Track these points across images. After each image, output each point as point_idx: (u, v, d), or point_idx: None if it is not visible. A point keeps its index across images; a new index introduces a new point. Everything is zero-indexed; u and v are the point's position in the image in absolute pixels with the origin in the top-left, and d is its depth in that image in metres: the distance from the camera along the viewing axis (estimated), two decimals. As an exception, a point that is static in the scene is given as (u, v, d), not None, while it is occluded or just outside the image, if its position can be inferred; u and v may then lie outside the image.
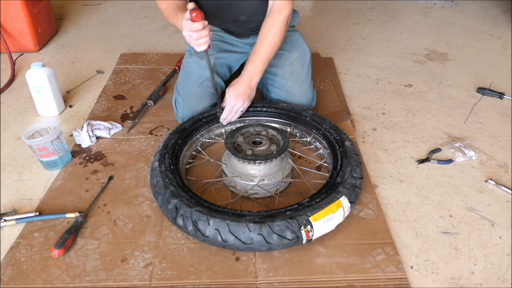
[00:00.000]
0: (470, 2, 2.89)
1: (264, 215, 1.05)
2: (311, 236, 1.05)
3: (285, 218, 1.04)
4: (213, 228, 1.03)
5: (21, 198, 1.27)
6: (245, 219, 1.04)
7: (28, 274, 1.02)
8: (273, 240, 1.02)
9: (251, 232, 1.02)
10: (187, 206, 1.07)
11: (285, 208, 1.08)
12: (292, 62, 1.53)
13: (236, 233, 1.02)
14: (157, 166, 1.21)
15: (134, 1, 2.90)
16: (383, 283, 1.00)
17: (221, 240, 1.03)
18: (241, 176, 1.25)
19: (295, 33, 1.60)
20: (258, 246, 1.03)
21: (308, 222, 1.05)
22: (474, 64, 2.08)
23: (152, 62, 2.07)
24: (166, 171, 1.19)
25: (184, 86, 1.52)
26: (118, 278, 1.02)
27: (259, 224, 1.02)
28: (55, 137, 1.32)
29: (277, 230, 1.02)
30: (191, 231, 1.06)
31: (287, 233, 1.03)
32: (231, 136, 1.32)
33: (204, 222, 1.04)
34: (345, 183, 1.15)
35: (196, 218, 1.05)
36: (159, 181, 1.17)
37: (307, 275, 1.02)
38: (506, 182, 1.33)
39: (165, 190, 1.13)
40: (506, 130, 1.59)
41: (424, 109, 1.72)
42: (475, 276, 1.04)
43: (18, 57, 2.11)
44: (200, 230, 1.04)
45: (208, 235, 1.04)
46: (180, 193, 1.12)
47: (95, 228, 1.15)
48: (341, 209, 1.10)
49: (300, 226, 1.04)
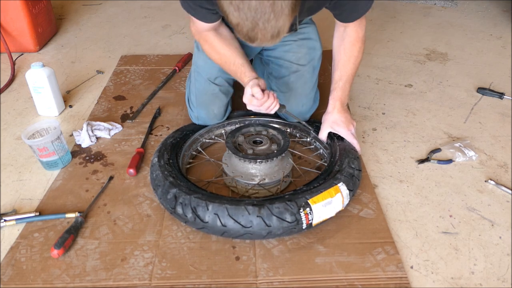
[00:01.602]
0: (470, 2, 2.89)
1: (263, 199, 1.08)
2: (311, 220, 1.06)
3: (284, 201, 1.05)
4: (212, 213, 1.04)
5: (21, 198, 1.27)
6: (244, 202, 1.05)
7: (28, 274, 1.02)
8: (272, 222, 1.03)
9: (250, 215, 1.03)
10: (186, 194, 1.09)
11: (283, 194, 1.10)
12: (299, 58, 1.44)
13: (235, 217, 1.03)
14: (156, 162, 1.24)
15: (134, 1, 2.90)
16: (384, 282, 1.00)
17: (220, 225, 1.04)
18: (241, 175, 1.25)
19: (310, 26, 1.47)
20: (258, 230, 1.04)
21: (307, 205, 1.06)
22: (474, 64, 2.08)
23: (152, 63, 2.07)
24: (165, 164, 1.22)
25: (196, 83, 1.46)
26: (118, 277, 1.02)
27: (258, 206, 1.04)
28: (56, 137, 1.32)
29: (276, 212, 1.03)
30: (190, 219, 1.07)
31: (287, 215, 1.04)
32: (232, 135, 1.32)
33: (203, 208, 1.05)
34: (343, 171, 1.18)
35: (195, 204, 1.06)
36: (158, 175, 1.19)
37: (307, 274, 1.02)
38: (506, 182, 1.33)
39: (164, 181, 1.15)
40: (506, 130, 1.59)
41: (424, 109, 1.72)
42: (475, 276, 1.04)
43: (18, 57, 2.11)
44: (200, 216, 1.05)
45: (208, 220, 1.05)
46: (179, 182, 1.14)
47: (95, 228, 1.15)
48: (339, 194, 1.11)
49: (299, 208, 1.05)
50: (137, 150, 1.41)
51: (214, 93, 1.44)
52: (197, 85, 1.46)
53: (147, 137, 1.51)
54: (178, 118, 1.63)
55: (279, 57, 1.45)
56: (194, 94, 1.47)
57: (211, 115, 1.45)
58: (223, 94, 1.45)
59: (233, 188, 1.27)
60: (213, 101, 1.44)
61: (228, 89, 1.46)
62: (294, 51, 1.43)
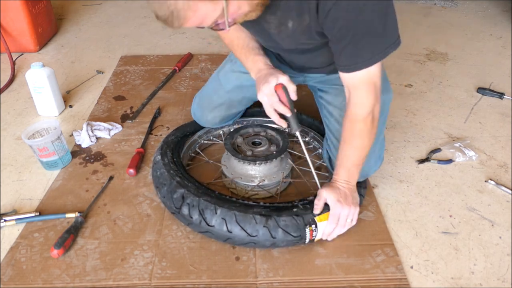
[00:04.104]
0: (470, 2, 2.89)
1: (271, 207, 1.07)
2: (314, 237, 1.06)
3: (292, 215, 1.04)
4: (220, 218, 1.04)
5: (21, 198, 1.27)
6: (252, 211, 1.05)
7: (28, 274, 1.02)
8: (278, 235, 1.03)
9: (257, 224, 1.02)
10: (195, 195, 1.08)
11: (292, 203, 1.09)
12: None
13: (242, 224, 1.03)
14: (160, 160, 1.23)
15: (134, 1, 2.90)
16: (383, 284, 1.00)
17: (226, 230, 1.03)
18: (241, 177, 1.25)
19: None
20: (263, 240, 1.03)
21: (314, 222, 1.05)
22: (474, 64, 2.08)
23: (152, 63, 2.07)
24: (170, 163, 1.21)
25: (206, 88, 1.41)
26: (118, 277, 1.01)
27: (265, 217, 1.03)
28: (56, 137, 1.32)
29: (282, 225, 1.03)
30: (195, 221, 1.06)
31: (292, 229, 1.03)
32: (231, 137, 1.32)
33: (211, 211, 1.05)
34: None
35: (204, 206, 1.06)
36: (163, 173, 1.17)
37: (307, 275, 1.02)
38: (506, 182, 1.33)
39: (171, 180, 1.14)
40: (506, 130, 1.59)
41: (424, 109, 1.72)
42: (475, 276, 1.04)
43: (18, 57, 2.11)
44: (206, 220, 1.05)
45: (214, 224, 1.04)
46: (186, 182, 1.13)
47: (95, 228, 1.15)
48: None
49: (306, 225, 1.04)
50: (137, 150, 1.41)
51: (216, 106, 1.36)
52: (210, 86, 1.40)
53: (147, 137, 1.51)
54: (178, 118, 1.63)
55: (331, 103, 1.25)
56: (199, 94, 1.43)
57: (203, 120, 1.42)
58: (224, 109, 1.37)
59: (232, 189, 1.27)
60: (212, 111, 1.38)
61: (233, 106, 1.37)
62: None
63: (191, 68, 2.02)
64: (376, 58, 0.94)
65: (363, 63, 0.94)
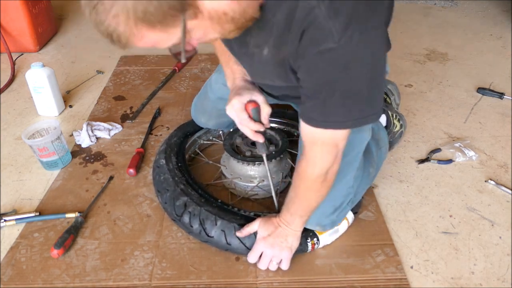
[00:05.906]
0: (470, 2, 2.89)
1: None
2: (316, 247, 1.07)
3: None
4: (219, 229, 1.04)
5: (21, 198, 1.27)
6: None
7: (28, 274, 1.02)
8: None
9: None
10: (197, 204, 1.08)
11: None
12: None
13: (242, 238, 1.03)
14: (164, 164, 1.21)
15: (134, 1, 2.90)
16: (383, 284, 1.00)
17: (225, 242, 1.03)
18: (240, 177, 1.25)
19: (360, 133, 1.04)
20: None
21: (315, 235, 1.06)
22: (474, 64, 2.08)
23: (152, 63, 2.07)
24: (175, 169, 1.20)
25: (200, 92, 1.39)
26: (118, 277, 1.02)
27: None
28: (56, 137, 1.32)
29: None
30: (195, 230, 1.06)
31: None
32: (230, 137, 1.32)
33: (211, 222, 1.04)
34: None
35: (204, 217, 1.05)
36: (167, 179, 1.16)
37: (307, 275, 1.02)
38: (506, 182, 1.33)
39: (175, 187, 1.13)
40: (506, 130, 1.59)
41: (424, 109, 1.72)
42: (475, 276, 1.04)
43: (18, 57, 2.11)
44: (206, 230, 1.05)
45: (213, 235, 1.04)
46: (190, 191, 1.12)
47: (95, 228, 1.15)
48: (345, 221, 1.11)
49: (307, 238, 1.04)
50: (137, 150, 1.41)
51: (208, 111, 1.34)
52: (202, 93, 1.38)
53: (147, 137, 1.51)
54: (178, 118, 1.63)
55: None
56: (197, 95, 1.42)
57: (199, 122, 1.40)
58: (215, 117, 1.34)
59: (232, 190, 1.27)
60: (204, 114, 1.37)
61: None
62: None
63: (191, 68, 2.02)
64: (349, 124, 0.80)
65: (333, 124, 0.80)
